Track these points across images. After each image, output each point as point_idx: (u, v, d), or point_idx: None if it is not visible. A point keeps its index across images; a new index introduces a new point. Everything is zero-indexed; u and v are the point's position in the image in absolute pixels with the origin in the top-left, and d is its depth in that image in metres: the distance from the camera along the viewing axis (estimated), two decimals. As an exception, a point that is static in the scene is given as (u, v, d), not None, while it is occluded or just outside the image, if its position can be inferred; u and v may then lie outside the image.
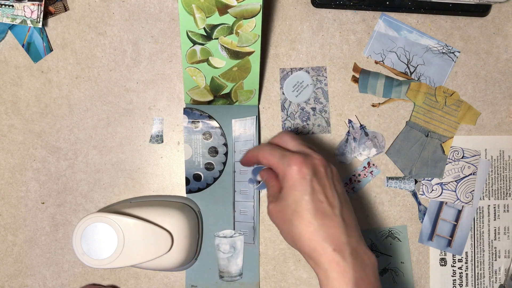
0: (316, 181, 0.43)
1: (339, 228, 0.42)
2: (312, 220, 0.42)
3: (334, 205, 0.43)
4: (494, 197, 0.62)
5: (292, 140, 0.47)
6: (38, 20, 0.56)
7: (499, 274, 0.62)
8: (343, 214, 0.43)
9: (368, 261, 0.43)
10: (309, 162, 0.44)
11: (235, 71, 0.54)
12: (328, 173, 0.45)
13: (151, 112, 0.59)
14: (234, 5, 0.49)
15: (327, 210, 0.43)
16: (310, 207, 0.42)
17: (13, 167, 0.59)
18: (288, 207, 0.43)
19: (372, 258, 0.43)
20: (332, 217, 0.42)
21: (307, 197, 0.42)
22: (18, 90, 0.59)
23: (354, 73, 0.60)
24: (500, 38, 0.61)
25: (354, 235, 0.43)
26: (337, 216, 0.43)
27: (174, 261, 0.52)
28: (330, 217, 0.42)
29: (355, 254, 0.42)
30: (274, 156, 0.45)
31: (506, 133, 0.62)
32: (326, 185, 0.44)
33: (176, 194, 0.60)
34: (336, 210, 0.43)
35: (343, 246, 0.42)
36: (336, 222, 0.42)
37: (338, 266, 0.41)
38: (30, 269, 0.59)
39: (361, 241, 0.43)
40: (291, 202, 0.43)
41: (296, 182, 0.43)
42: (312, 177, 0.43)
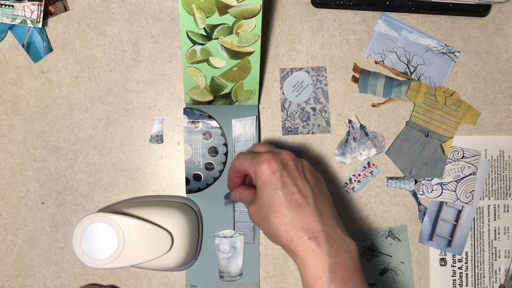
0: (286, 174, 0.45)
1: (313, 217, 0.43)
2: (286, 212, 0.43)
3: (307, 195, 0.44)
4: (494, 197, 0.62)
5: (263, 146, 0.50)
6: (38, 20, 0.56)
7: (499, 274, 0.62)
8: (317, 203, 0.45)
9: (346, 247, 0.43)
10: (278, 158, 0.45)
11: (235, 71, 0.54)
12: (298, 166, 0.46)
13: (151, 112, 0.59)
14: (234, 5, 0.49)
15: (300, 201, 0.44)
16: (283, 200, 0.44)
17: (13, 167, 0.59)
18: (264, 205, 0.45)
19: (350, 243, 0.44)
20: (305, 207, 0.44)
21: (279, 191, 0.44)
22: (18, 90, 0.59)
23: (354, 73, 0.60)
24: (500, 38, 0.61)
25: (329, 223, 0.44)
26: (310, 205, 0.44)
27: (174, 261, 0.52)
28: (303, 207, 0.44)
29: (331, 240, 0.43)
30: (246, 160, 0.47)
31: (506, 133, 0.62)
32: (296, 177, 0.45)
33: (176, 194, 0.60)
34: (309, 199, 0.44)
35: (317, 233, 0.43)
36: (309, 211, 0.44)
37: (314, 253, 0.42)
38: (30, 269, 0.59)
39: (337, 227, 0.44)
40: (266, 199, 0.45)
41: (267, 179, 0.45)
42: (282, 171, 0.45)
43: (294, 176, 0.45)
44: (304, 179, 0.46)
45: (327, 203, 0.46)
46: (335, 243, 0.43)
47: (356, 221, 0.61)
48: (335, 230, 0.44)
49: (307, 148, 0.60)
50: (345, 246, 0.43)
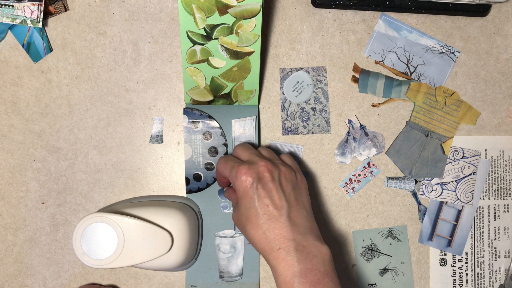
0: (261, 187, 0.47)
1: (284, 228, 0.46)
2: (260, 224, 0.46)
3: (280, 207, 0.47)
4: (494, 197, 0.62)
5: (243, 151, 0.51)
6: (38, 20, 0.56)
7: (499, 274, 0.62)
8: (290, 213, 0.47)
9: (317, 253, 0.46)
10: (254, 170, 0.47)
11: (235, 71, 0.54)
12: (275, 176, 0.48)
13: (151, 112, 0.59)
14: (234, 5, 0.49)
15: (273, 213, 0.46)
16: (258, 212, 0.46)
17: (13, 167, 0.59)
18: (242, 215, 0.48)
19: (322, 249, 0.46)
20: (278, 219, 0.46)
21: (254, 203, 0.47)
22: (18, 90, 0.59)
23: (354, 73, 0.60)
24: (500, 38, 0.61)
25: (300, 232, 0.46)
26: (282, 216, 0.46)
27: (174, 261, 0.52)
28: (276, 219, 0.46)
29: (301, 248, 0.45)
30: (227, 169, 0.50)
31: (506, 133, 0.62)
32: (271, 189, 0.47)
33: (176, 194, 0.60)
34: (282, 211, 0.47)
35: (288, 243, 0.45)
36: (281, 222, 0.46)
37: (284, 261, 0.45)
38: (30, 269, 0.59)
39: (310, 235, 0.47)
40: (243, 210, 0.48)
41: (244, 191, 0.47)
42: (257, 184, 0.47)
43: (269, 188, 0.47)
44: (279, 189, 0.47)
45: (302, 211, 0.48)
46: (305, 250, 0.45)
47: (356, 221, 0.61)
48: (306, 238, 0.46)
49: (307, 148, 0.60)
50: (316, 252, 0.46)
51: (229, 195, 0.55)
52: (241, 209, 0.48)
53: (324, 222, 0.60)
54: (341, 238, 0.61)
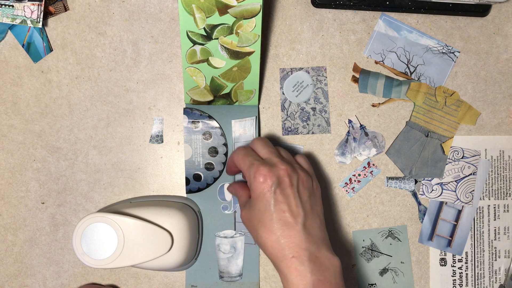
0: (279, 191, 0.46)
1: (299, 236, 0.45)
2: (274, 230, 0.45)
3: (297, 214, 0.46)
4: (494, 197, 0.62)
5: (263, 147, 0.50)
6: (38, 20, 0.56)
7: (499, 274, 0.62)
8: (305, 222, 0.46)
9: (329, 265, 0.45)
10: (274, 174, 0.46)
11: (235, 71, 0.54)
12: (294, 181, 0.47)
13: (151, 112, 0.59)
14: (234, 5, 0.49)
15: (289, 220, 0.45)
16: (273, 217, 0.45)
17: (13, 167, 0.59)
18: (255, 217, 0.46)
19: (334, 261, 0.46)
20: (294, 226, 0.45)
21: (270, 207, 0.45)
22: (18, 90, 0.59)
23: (354, 73, 0.60)
24: (500, 38, 0.61)
25: (314, 242, 0.45)
26: (298, 224, 0.45)
27: (174, 261, 0.52)
28: (291, 226, 0.45)
29: (314, 258, 0.45)
30: (245, 164, 0.48)
31: (506, 133, 0.62)
32: (289, 195, 0.46)
33: (176, 194, 0.60)
34: (298, 218, 0.46)
35: (301, 252, 0.44)
36: (297, 230, 0.45)
37: (297, 271, 0.44)
38: (30, 269, 0.59)
39: (323, 246, 0.46)
40: (257, 212, 0.46)
41: (261, 193, 0.46)
42: (276, 188, 0.46)
43: (287, 194, 0.46)
44: (297, 196, 0.46)
45: (316, 220, 0.47)
46: (318, 261, 0.45)
47: (356, 221, 0.61)
48: (319, 249, 0.45)
49: (307, 148, 0.60)
50: (329, 263, 0.45)
51: (236, 191, 0.52)
52: (254, 210, 0.47)
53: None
54: (341, 238, 0.61)
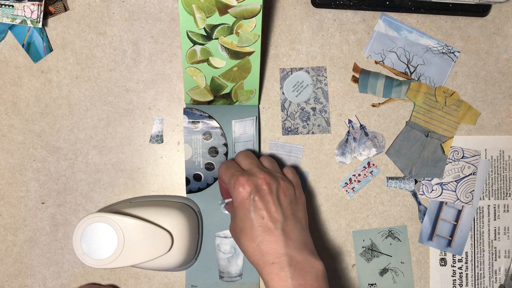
0: (258, 198, 0.46)
1: (279, 241, 0.45)
2: (254, 237, 0.46)
3: (276, 220, 0.46)
4: (494, 197, 0.62)
5: (244, 159, 0.51)
6: (38, 20, 0.56)
7: (499, 274, 0.62)
8: (285, 227, 0.46)
9: (310, 268, 0.45)
10: (252, 182, 0.47)
11: (235, 71, 0.54)
12: (273, 189, 0.47)
13: (151, 112, 0.59)
14: (234, 5, 0.49)
15: (268, 226, 0.46)
16: (253, 224, 0.46)
17: (13, 167, 0.59)
18: (237, 226, 0.47)
19: (316, 264, 0.45)
20: (273, 231, 0.46)
21: (250, 215, 0.46)
22: (18, 90, 0.59)
23: (354, 73, 0.60)
24: (500, 38, 0.61)
25: (295, 246, 0.46)
26: (277, 229, 0.46)
27: (174, 261, 0.52)
28: (271, 232, 0.46)
29: (295, 263, 0.45)
30: (227, 176, 0.49)
31: (506, 133, 0.62)
32: (269, 201, 0.47)
33: (176, 194, 0.60)
34: (277, 224, 0.46)
35: (282, 258, 0.45)
36: (276, 236, 0.45)
37: (278, 277, 0.44)
38: (30, 269, 0.59)
39: (304, 250, 0.46)
40: (239, 221, 0.47)
41: (241, 202, 0.47)
42: (254, 195, 0.46)
43: (267, 200, 0.47)
44: (276, 202, 0.47)
45: (297, 226, 0.47)
46: (299, 266, 0.45)
47: (356, 221, 0.61)
48: (301, 253, 0.45)
49: (307, 148, 0.60)
50: (310, 267, 0.45)
51: (229, 208, 0.54)
52: (236, 219, 0.47)
53: (324, 222, 0.60)
54: (341, 238, 0.61)
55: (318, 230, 0.60)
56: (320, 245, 0.60)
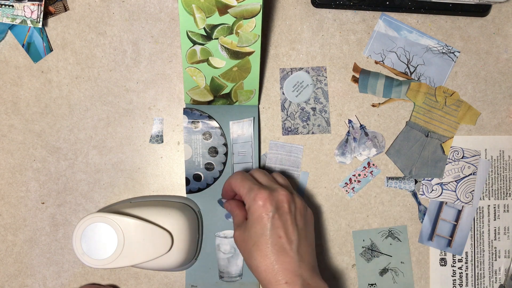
0: (277, 217, 0.46)
1: (293, 262, 0.46)
2: (269, 254, 0.46)
3: (292, 241, 0.46)
4: (494, 197, 0.62)
5: (262, 175, 0.51)
6: (38, 20, 0.56)
7: (499, 274, 0.62)
8: (300, 249, 0.47)
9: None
10: (273, 198, 0.47)
11: (235, 71, 0.54)
12: (292, 208, 0.48)
13: (151, 112, 0.59)
14: (234, 5, 0.49)
15: (284, 246, 0.46)
16: (268, 242, 0.46)
17: (13, 167, 0.59)
18: (250, 239, 0.47)
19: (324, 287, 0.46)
20: (288, 252, 0.46)
21: (267, 232, 0.46)
22: (18, 90, 0.59)
23: (354, 73, 0.60)
24: (500, 38, 0.61)
25: (307, 268, 0.46)
26: (292, 250, 0.46)
27: (174, 261, 0.52)
28: (286, 252, 0.46)
29: (306, 285, 0.45)
30: (244, 187, 0.49)
31: (506, 133, 0.62)
32: (287, 221, 0.47)
33: (176, 194, 0.60)
34: (293, 245, 0.46)
35: (295, 278, 0.45)
36: (291, 256, 0.46)
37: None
38: (30, 269, 0.59)
39: (314, 273, 0.47)
40: (253, 234, 0.47)
41: (259, 217, 0.46)
42: (274, 213, 0.46)
43: (285, 219, 0.47)
44: (293, 222, 0.47)
45: (310, 247, 0.48)
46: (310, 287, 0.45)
47: (356, 221, 0.61)
48: (312, 276, 0.46)
49: (307, 148, 0.60)
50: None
51: (232, 209, 0.52)
52: (250, 232, 0.47)
53: (324, 222, 0.60)
54: (341, 238, 0.61)
55: (318, 230, 0.60)
56: (320, 245, 0.60)
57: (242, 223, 0.50)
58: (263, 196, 0.47)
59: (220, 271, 0.59)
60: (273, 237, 0.46)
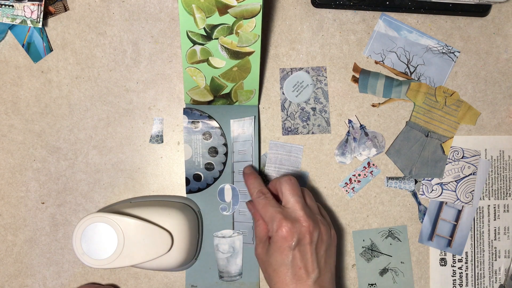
0: (298, 249, 0.48)
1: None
2: (287, 283, 0.48)
3: (311, 271, 0.49)
4: (494, 197, 0.62)
5: (290, 194, 0.50)
6: (38, 20, 0.56)
7: (499, 274, 0.62)
8: (317, 278, 0.49)
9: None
10: (296, 230, 0.48)
11: (235, 71, 0.54)
12: (314, 239, 0.49)
13: (151, 112, 0.59)
14: (234, 5, 0.49)
15: (302, 276, 0.48)
16: (288, 272, 0.48)
17: (13, 167, 0.59)
18: (270, 265, 0.49)
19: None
20: (306, 281, 0.48)
21: (288, 263, 0.48)
22: (18, 90, 0.59)
23: (354, 73, 0.60)
24: (500, 38, 0.61)
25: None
26: (311, 280, 0.48)
27: (174, 261, 0.52)
28: (304, 282, 0.48)
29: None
30: (266, 214, 0.50)
31: (506, 133, 0.62)
32: (307, 252, 0.49)
33: (176, 194, 0.60)
34: (312, 275, 0.48)
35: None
36: (308, 285, 0.48)
37: None
38: (30, 269, 0.59)
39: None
40: (273, 262, 0.49)
41: (280, 247, 0.48)
42: (296, 245, 0.48)
43: (305, 251, 0.49)
44: (314, 253, 0.49)
45: (328, 275, 0.50)
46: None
47: (356, 221, 0.61)
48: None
49: (307, 148, 0.60)
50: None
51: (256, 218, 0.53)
52: (271, 258, 0.49)
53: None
54: (341, 238, 0.61)
55: (318, 230, 0.60)
56: (320, 245, 0.60)
57: (265, 240, 0.51)
58: (286, 228, 0.48)
59: (220, 270, 0.59)
60: (293, 268, 0.48)
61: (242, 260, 0.59)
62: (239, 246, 0.59)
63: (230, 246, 0.59)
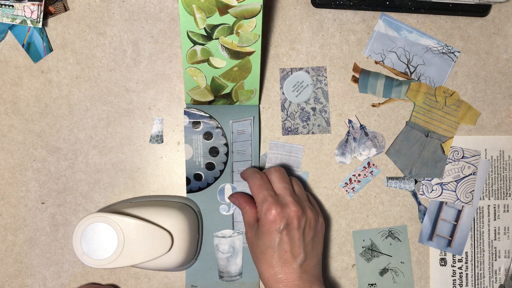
0: (285, 232, 0.49)
1: (294, 274, 0.49)
2: (273, 265, 0.49)
3: (297, 255, 0.50)
4: (494, 197, 0.62)
5: (279, 181, 0.52)
6: (38, 20, 0.56)
7: (499, 274, 0.62)
8: (303, 262, 0.50)
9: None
10: (284, 215, 0.49)
11: (236, 71, 0.54)
12: (301, 224, 0.50)
13: (151, 112, 0.59)
14: (235, 5, 0.49)
15: (288, 259, 0.49)
16: (275, 254, 0.49)
17: (13, 167, 0.59)
18: (258, 247, 0.51)
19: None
20: (292, 265, 0.49)
21: (274, 245, 0.49)
22: (18, 90, 0.59)
23: (354, 73, 0.60)
24: (500, 38, 0.61)
25: (308, 279, 0.50)
26: (296, 263, 0.49)
27: (174, 261, 0.52)
28: (289, 265, 0.49)
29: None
30: (258, 196, 0.51)
31: (506, 133, 0.62)
32: (294, 236, 0.50)
33: (176, 194, 0.60)
34: (298, 259, 0.50)
35: None
36: (293, 268, 0.49)
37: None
38: (30, 269, 0.59)
39: (315, 282, 0.50)
40: (261, 244, 0.50)
41: (268, 231, 0.50)
42: (283, 229, 0.49)
43: (293, 235, 0.50)
44: (301, 237, 0.50)
45: (314, 259, 0.51)
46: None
47: (356, 221, 0.61)
48: (311, 286, 0.50)
49: (307, 148, 0.60)
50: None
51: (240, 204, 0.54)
52: (259, 241, 0.50)
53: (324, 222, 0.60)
54: (341, 238, 0.61)
55: (318, 230, 0.60)
56: (320, 245, 0.60)
57: (253, 224, 0.52)
58: (274, 212, 0.49)
59: (219, 270, 0.59)
60: (280, 251, 0.49)
61: (242, 260, 0.59)
62: (239, 246, 0.59)
63: (230, 246, 0.59)
